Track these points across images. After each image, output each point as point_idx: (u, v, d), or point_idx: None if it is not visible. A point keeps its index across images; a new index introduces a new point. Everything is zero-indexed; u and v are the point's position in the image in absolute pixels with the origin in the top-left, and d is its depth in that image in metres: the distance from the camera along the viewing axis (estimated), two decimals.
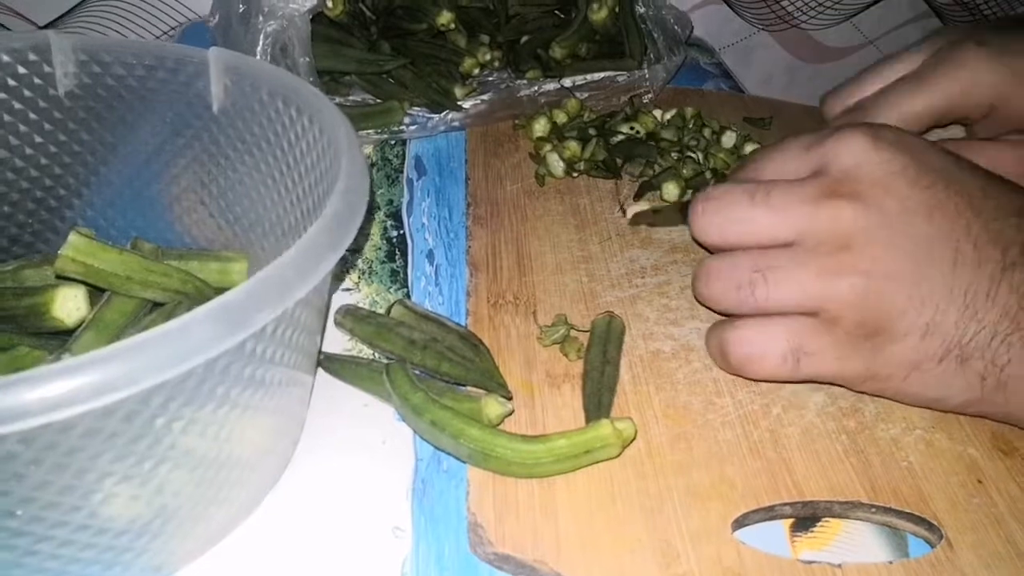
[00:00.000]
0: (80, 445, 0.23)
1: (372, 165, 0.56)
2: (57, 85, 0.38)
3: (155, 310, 0.35)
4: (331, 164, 0.32)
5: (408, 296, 0.44)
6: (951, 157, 0.34)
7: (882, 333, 0.33)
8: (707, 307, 0.37)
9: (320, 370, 0.39)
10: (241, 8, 0.53)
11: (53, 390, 0.20)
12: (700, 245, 0.37)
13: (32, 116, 0.39)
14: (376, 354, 0.40)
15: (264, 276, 0.24)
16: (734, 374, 0.37)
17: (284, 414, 0.32)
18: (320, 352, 0.39)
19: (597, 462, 0.33)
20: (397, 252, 0.48)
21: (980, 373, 0.32)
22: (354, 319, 0.40)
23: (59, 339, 0.34)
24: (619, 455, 0.33)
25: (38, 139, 0.39)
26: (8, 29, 0.69)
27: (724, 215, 0.35)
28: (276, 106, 0.36)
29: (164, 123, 0.39)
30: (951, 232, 0.32)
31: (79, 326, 0.34)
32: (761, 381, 0.37)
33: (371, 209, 0.51)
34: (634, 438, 0.34)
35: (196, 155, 0.40)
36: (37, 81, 0.38)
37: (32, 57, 0.38)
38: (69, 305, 0.34)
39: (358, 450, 0.36)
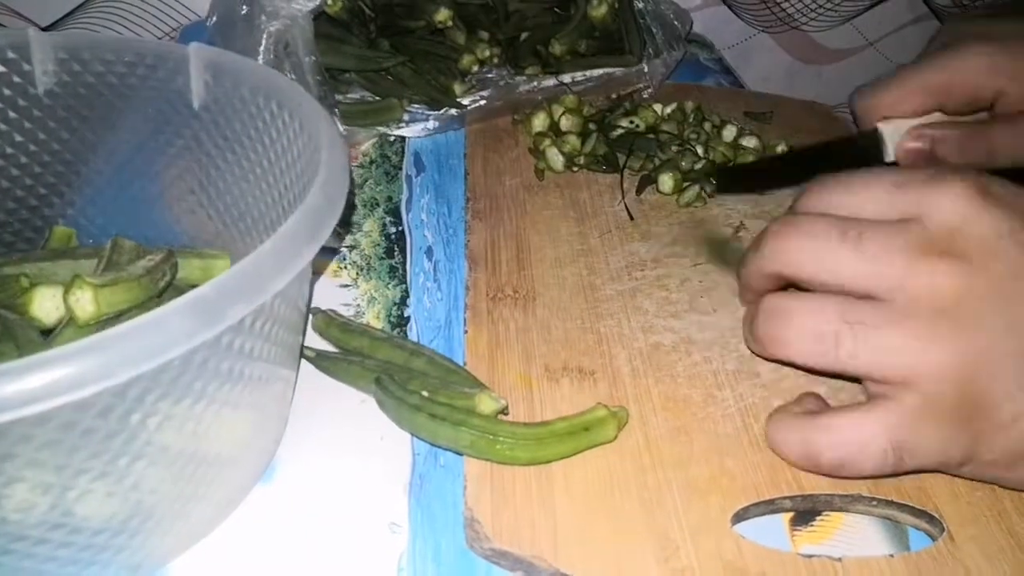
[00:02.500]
0: (54, 440, 0.23)
1: (371, 162, 0.55)
2: (36, 83, 0.38)
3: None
4: (312, 158, 0.31)
5: (407, 292, 0.44)
6: None
7: (981, 418, 0.29)
8: (762, 355, 0.32)
9: (315, 367, 0.39)
10: (244, 10, 0.53)
11: (27, 383, 0.20)
12: (745, 282, 0.33)
13: (11, 115, 0.39)
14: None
15: (240, 269, 0.24)
16: (823, 474, 0.32)
17: (264, 410, 0.32)
18: (311, 349, 0.39)
19: (595, 444, 0.33)
20: (396, 248, 0.48)
21: None
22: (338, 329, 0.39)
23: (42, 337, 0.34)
24: (615, 438, 0.33)
25: (18, 138, 0.39)
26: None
27: (806, 246, 0.31)
28: (257, 101, 0.35)
29: (145, 120, 0.39)
30: None
31: (59, 324, 0.33)
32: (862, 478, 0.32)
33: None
34: (626, 421, 0.34)
35: (178, 152, 0.39)
36: (16, 79, 0.38)
37: (11, 55, 0.37)
38: (48, 305, 0.33)
39: (355, 446, 0.35)
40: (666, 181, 0.50)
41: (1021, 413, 0.28)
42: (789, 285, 0.34)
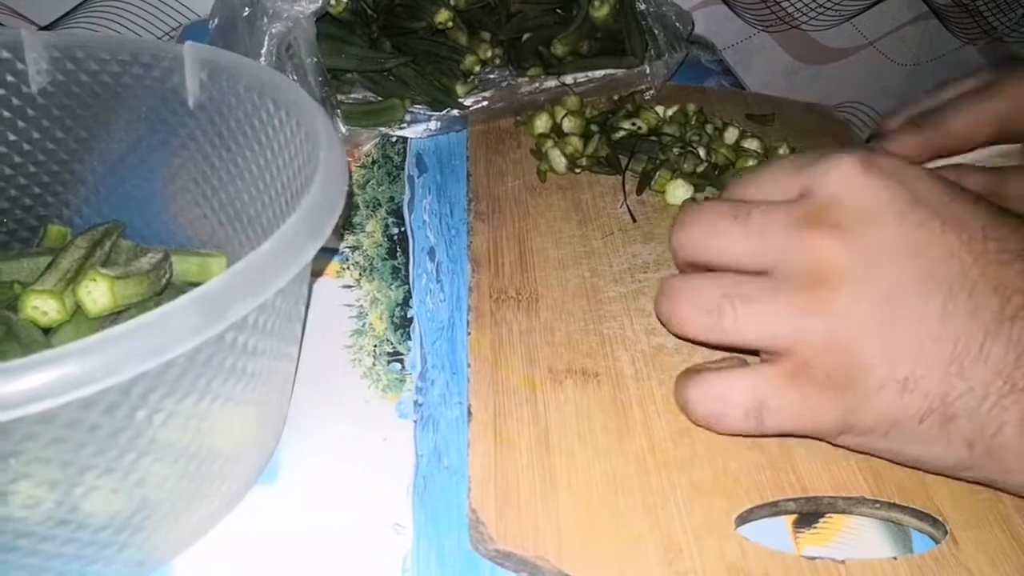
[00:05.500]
0: (61, 437, 0.23)
1: (373, 163, 0.55)
2: (30, 82, 0.38)
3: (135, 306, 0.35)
4: (309, 157, 0.32)
5: (410, 293, 0.44)
6: (952, 190, 0.31)
7: (854, 386, 0.29)
8: (670, 331, 0.34)
9: (322, 368, 0.39)
10: (246, 12, 0.53)
11: (33, 381, 0.20)
12: (677, 262, 0.35)
13: (5, 114, 0.38)
14: None
15: (244, 266, 0.24)
16: (702, 427, 0.34)
17: (265, 406, 0.32)
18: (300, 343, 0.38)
19: None
20: (398, 249, 0.48)
21: (967, 438, 0.28)
22: None
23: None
24: None
25: (11, 137, 0.39)
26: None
27: (703, 229, 0.33)
28: (252, 100, 0.35)
29: (139, 119, 0.39)
30: (943, 276, 0.28)
31: (55, 325, 0.33)
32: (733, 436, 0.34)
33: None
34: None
35: (173, 150, 0.39)
36: (10, 79, 0.38)
37: (4, 54, 0.37)
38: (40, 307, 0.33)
39: (358, 447, 0.35)
40: (664, 181, 0.50)
41: (888, 378, 0.29)
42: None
